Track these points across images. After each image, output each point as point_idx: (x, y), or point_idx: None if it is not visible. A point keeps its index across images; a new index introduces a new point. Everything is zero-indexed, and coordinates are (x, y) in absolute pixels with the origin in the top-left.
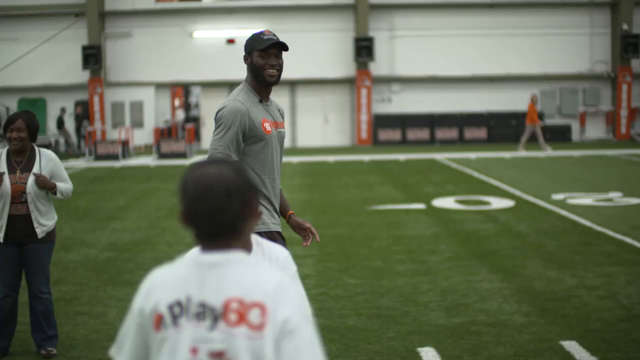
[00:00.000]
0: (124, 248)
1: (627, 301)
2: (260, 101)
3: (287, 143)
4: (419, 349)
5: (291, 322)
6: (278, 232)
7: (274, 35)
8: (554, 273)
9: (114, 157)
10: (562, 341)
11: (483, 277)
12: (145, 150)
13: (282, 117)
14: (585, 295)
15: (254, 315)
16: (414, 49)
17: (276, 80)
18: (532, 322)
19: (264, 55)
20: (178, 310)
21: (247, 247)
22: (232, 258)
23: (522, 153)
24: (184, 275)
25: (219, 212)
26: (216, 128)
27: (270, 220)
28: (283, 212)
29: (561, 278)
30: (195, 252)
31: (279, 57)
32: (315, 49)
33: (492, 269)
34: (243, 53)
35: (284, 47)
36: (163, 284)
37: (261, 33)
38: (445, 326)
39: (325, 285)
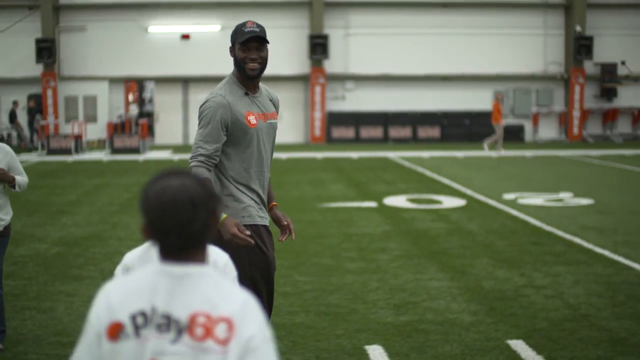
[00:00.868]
0: (74, 243)
1: (574, 301)
2: (246, 93)
3: None
4: (367, 347)
5: (255, 340)
6: (264, 226)
7: (257, 27)
8: (503, 272)
9: (67, 151)
10: (508, 340)
11: (432, 275)
12: (98, 145)
13: (276, 106)
14: (533, 295)
15: (220, 330)
16: (368, 47)
17: (258, 74)
18: (479, 320)
19: (244, 49)
20: (142, 320)
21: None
22: (200, 271)
23: (502, 152)
24: (149, 285)
25: (186, 225)
26: (199, 123)
27: (257, 213)
28: (267, 202)
29: (509, 277)
30: (157, 262)
31: (261, 50)
32: (270, 46)
33: (441, 268)
34: (197, 49)
35: (263, 40)
36: (125, 292)
37: (243, 25)
38: (393, 324)
39: (275, 282)
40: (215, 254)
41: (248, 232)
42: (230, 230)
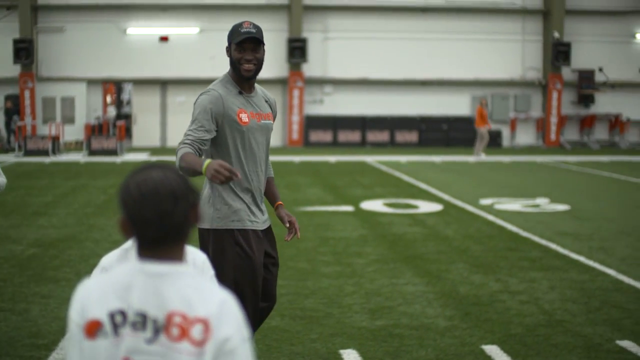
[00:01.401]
0: (50, 244)
1: (549, 306)
2: (241, 92)
3: None
4: (341, 351)
5: (231, 342)
6: (254, 231)
7: (254, 27)
8: (479, 277)
9: (44, 152)
10: (483, 345)
11: (408, 280)
12: (76, 146)
13: (272, 108)
14: (509, 300)
15: (196, 331)
16: (347, 51)
17: (253, 75)
18: (454, 325)
19: (240, 49)
20: (120, 319)
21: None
22: (178, 270)
23: (481, 157)
24: (125, 283)
25: (167, 216)
26: (192, 117)
27: (248, 217)
28: (272, 202)
29: (485, 283)
30: (135, 260)
31: (257, 50)
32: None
33: (417, 273)
34: (176, 51)
35: (259, 41)
36: (102, 290)
37: (240, 25)
38: (368, 329)
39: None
40: (193, 253)
41: (233, 169)
42: (212, 166)
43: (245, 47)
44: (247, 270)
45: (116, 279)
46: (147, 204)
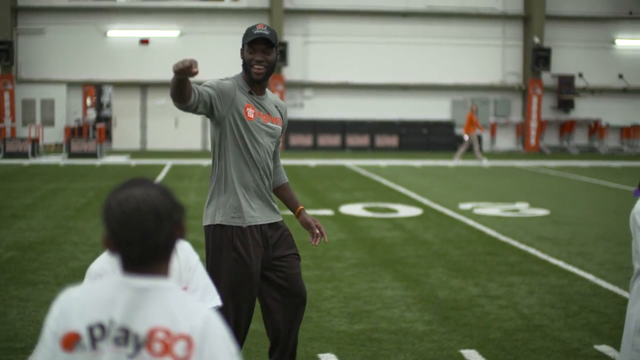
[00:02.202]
0: (29, 247)
1: (528, 311)
2: (251, 93)
3: (196, 146)
4: (320, 355)
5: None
6: (253, 228)
7: (267, 30)
8: (458, 282)
9: (24, 154)
10: (462, 350)
11: (387, 284)
12: (56, 148)
13: (282, 114)
14: (487, 305)
15: (179, 348)
16: (327, 55)
17: (263, 77)
18: (433, 330)
19: (251, 50)
20: (99, 333)
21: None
22: (162, 285)
23: (459, 162)
24: (108, 296)
25: (150, 236)
26: None
27: (249, 213)
28: (292, 208)
29: (464, 287)
30: (118, 274)
31: (268, 52)
32: (228, 52)
33: (396, 277)
34: (156, 54)
35: (270, 43)
36: (82, 302)
37: (254, 27)
38: (346, 333)
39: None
40: (187, 254)
41: (194, 61)
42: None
43: (256, 48)
44: (243, 277)
45: (99, 292)
46: (129, 225)
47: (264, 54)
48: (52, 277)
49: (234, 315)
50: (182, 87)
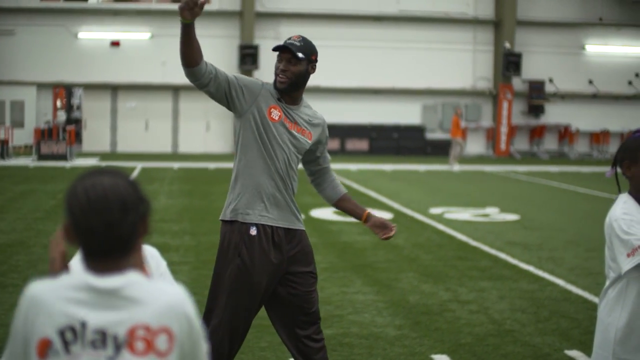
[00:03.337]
0: None
1: (499, 316)
2: (280, 100)
3: (167, 149)
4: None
5: (196, 345)
6: (262, 230)
7: (297, 41)
8: (428, 286)
9: None
10: (433, 355)
11: (358, 289)
12: (25, 150)
13: (315, 129)
14: (458, 310)
15: (161, 342)
16: None
17: (286, 87)
18: (404, 335)
19: (279, 59)
20: (70, 336)
21: (138, 264)
22: (132, 281)
23: (455, 167)
24: (75, 298)
25: (114, 227)
26: None
27: (260, 212)
28: (359, 215)
29: (435, 292)
30: (84, 273)
31: (293, 63)
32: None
33: (367, 281)
34: (127, 56)
35: (293, 53)
36: (49, 305)
37: (289, 37)
38: None
39: (200, 294)
40: (156, 261)
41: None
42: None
43: (282, 57)
44: (244, 285)
45: (66, 292)
46: (94, 212)
47: (288, 64)
48: (21, 280)
49: (231, 321)
50: (187, 37)
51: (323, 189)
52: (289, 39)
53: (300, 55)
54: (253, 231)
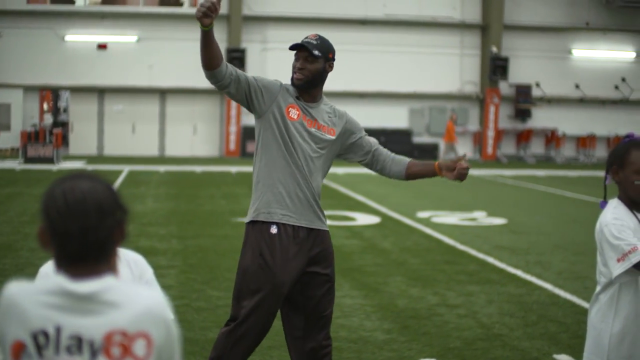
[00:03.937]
0: None
1: (487, 320)
2: (298, 98)
3: (154, 152)
4: None
5: (173, 351)
6: (282, 228)
7: (314, 39)
8: (416, 291)
9: None
10: (422, 359)
11: (346, 293)
12: (12, 153)
13: (332, 123)
14: (447, 314)
15: (139, 347)
16: (285, 62)
17: (302, 84)
18: (392, 339)
19: (296, 57)
20: (43, 340)
21: (114, 269)
22: (109, 285)
23: None
24: (50, 303)
25: (91, 231)
26: None
27: (280, 210)
28: (430, 171)
29: (423, 296)
30: (59, 277)
31: (309, 61)
32: (186, 58)
33: (355, 285)
34: (114, 59)
35: (309, 51)
36: (25, 308)
37: (306, 36)
38: None
39: (188, 297)
40: (132, 254)
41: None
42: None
43: (299, 55)
44: (267, 284)
45: (40, 297)
46: (71, 216)
47: (305, 62)
48: None
49: (256, 321)
50: (207, 41)
51: (389, 169)
52: (306, 37)
53: (316, 52)
54: (274, 230)
